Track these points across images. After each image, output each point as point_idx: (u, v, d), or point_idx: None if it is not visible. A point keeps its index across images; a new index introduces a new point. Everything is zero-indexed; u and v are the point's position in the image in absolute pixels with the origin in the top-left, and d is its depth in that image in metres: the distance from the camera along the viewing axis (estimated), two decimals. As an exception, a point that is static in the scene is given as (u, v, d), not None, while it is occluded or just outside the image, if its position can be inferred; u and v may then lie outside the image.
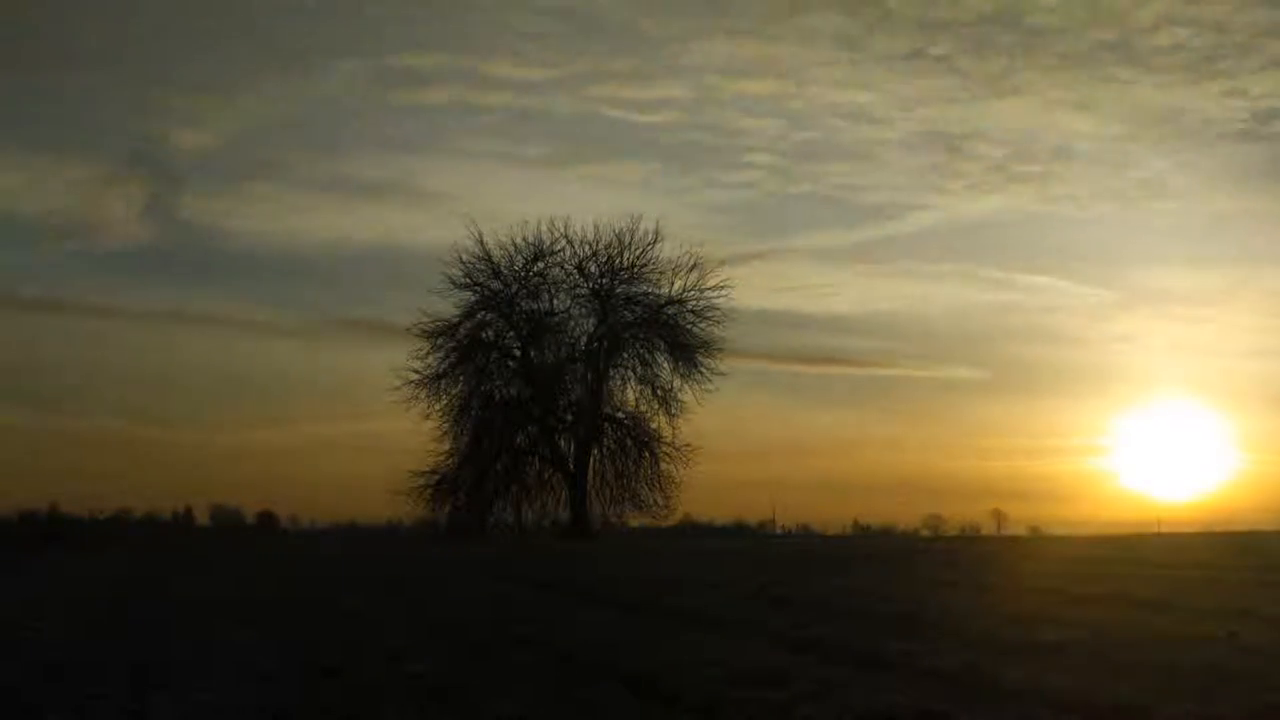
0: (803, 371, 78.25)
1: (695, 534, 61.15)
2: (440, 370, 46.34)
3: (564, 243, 46.47)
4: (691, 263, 46.87)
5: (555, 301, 47.62)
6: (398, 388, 45.64)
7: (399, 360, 45.88)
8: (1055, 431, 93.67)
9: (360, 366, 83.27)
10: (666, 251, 46.88)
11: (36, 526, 58.79)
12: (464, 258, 46.07)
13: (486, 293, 46.83)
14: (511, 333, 47.71)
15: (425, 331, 46.05)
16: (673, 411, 46.89)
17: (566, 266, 46.94)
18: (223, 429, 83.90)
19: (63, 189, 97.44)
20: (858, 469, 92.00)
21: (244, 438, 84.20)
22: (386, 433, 77.60)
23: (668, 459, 46.79)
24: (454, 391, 46.69)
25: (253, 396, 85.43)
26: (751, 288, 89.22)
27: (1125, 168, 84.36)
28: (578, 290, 47.46)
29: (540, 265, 46.73)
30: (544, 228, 46.72)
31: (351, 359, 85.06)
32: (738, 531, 70.52)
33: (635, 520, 49.20)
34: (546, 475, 47.79)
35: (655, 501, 47.01)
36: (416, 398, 45.88)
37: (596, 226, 47.58)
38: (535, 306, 47.44)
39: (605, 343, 47.74)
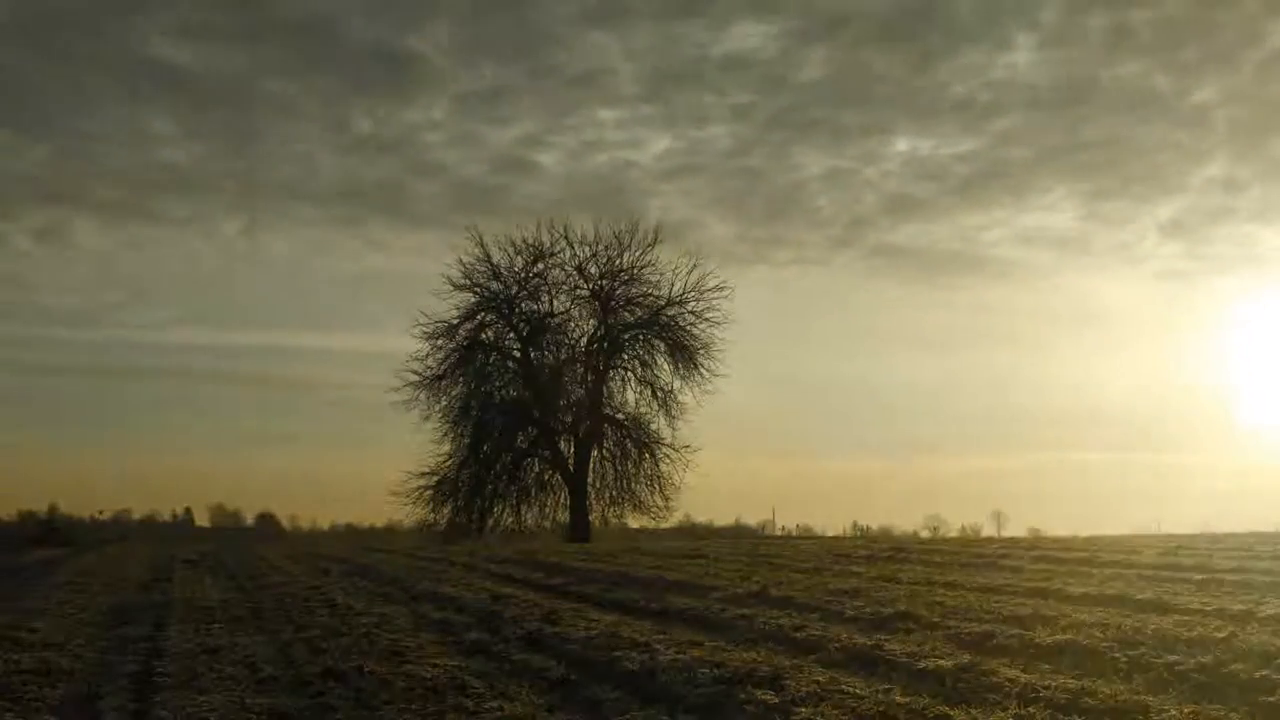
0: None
1: (695, 535, 61.14)
2: (440, 371, 46.41)
3: (564, 244, 46.57)
4: (692, 264, 46.99)
5: (555, 303, 47.69)
6: (398, 389, 45.73)
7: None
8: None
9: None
10: (666, 253, 47.03)
11: (36, 526, 58.74)
12: (464, 259, 46.18)
13: (486, 294, 46.89)
14: (511, 334, 47.73)
15: (425, 333, 46.15)
16: (673, 413, 46.96)
17: (566, 268, 47.01)
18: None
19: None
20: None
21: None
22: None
23: (667, 460, 46.87)
24: (454, 393, 46.76)
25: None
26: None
27: None
28: (578, 291, 47.53)
29: (540, 266, 46.81)
30: (543, 229, 46.87)
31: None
32: (737, 532, 70.55)
33: (635, 521, 49.25)
34: (546, 477, 47.79)
35: (655, 503, 47.06)
36: (416, 399, 45.97)
37: (596, 227, 47.88)
38: (535, 308, 47.49)
39: (605, 344, 47.74)
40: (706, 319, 46.44)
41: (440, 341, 46.37)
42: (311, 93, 78.50)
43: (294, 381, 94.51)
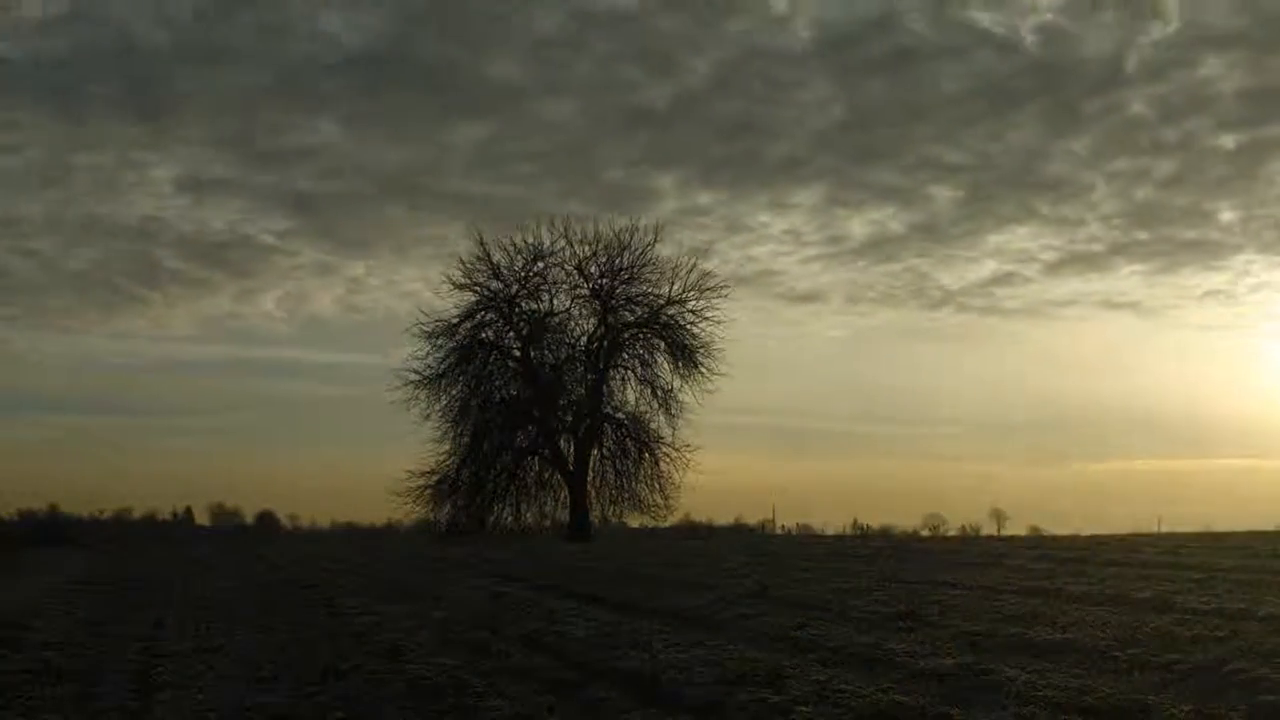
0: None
1: (695, 534, 61.13)
2: (440, 370, 46.34)
3: (564, 243, 46.51)
4: (692, 263, 46.99)
5: (555, 302, 47.58)
6: (397, 388, 45.67)
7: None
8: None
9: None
10: (666, 253, 47.03)
11: (36, 526, 58.71)
12: (464, 258, 46.15)
13: (486, 293, 46.78)
14: (511, 333, 47.66)
15: (425, 332, 46.07)
16: (673, 412, 46.90)
17: (566, 267, 46.93)
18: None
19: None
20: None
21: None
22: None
23: (667, 460, 46.82)
24: (454, 392, 46.66)
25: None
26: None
27: None
28: (578, 290, 47.42)
29: (540, 265, 46.68)
30: (544, 228, 46.84)
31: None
32: (737, 531, 70.51)
33: (635, 520, 49.19)
34: (546, 476, 47.72)
35: (655, 502, 47.02)
36: (416, 398, 45.90)
37: (597, 227, 47.86)
38: (535, 307, 47.39)
39: (605, 343, 47.71)
40: (706, 318, 46.44)
41: (440, 340, 46.26)
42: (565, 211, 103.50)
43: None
